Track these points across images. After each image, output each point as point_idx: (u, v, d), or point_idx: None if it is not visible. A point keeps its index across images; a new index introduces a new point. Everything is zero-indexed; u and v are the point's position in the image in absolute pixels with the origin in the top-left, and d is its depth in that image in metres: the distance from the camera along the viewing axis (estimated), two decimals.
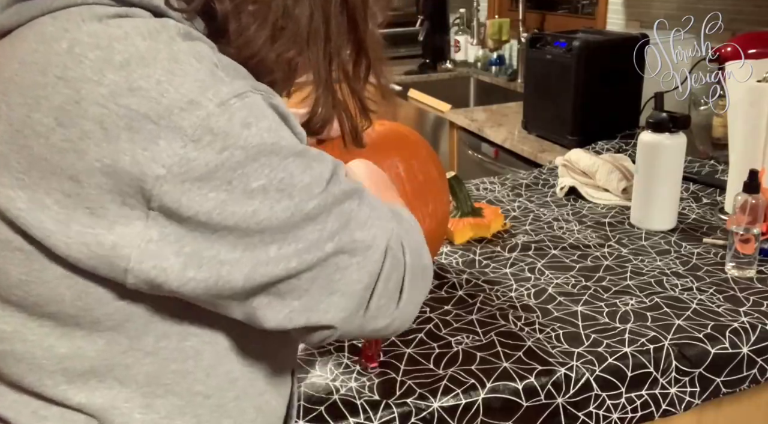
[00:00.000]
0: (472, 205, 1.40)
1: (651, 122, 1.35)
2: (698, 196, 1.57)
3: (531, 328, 1.03)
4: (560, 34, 2.07)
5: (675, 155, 1.35)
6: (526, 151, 2.09)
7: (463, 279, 1.20)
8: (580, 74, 1.92)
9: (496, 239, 1.37)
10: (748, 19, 1.93)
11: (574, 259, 1.27)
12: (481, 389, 0.89)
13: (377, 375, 0.93)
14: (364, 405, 0.86)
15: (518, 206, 1.56)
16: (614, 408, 0.95)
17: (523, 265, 1.25)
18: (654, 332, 1.00)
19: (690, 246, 1.31)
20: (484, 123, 2.40)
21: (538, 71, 2.11)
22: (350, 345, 1.00)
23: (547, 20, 3.11)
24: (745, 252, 1.17)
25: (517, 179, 1.74)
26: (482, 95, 3.29)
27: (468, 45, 3.56)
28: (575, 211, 1.52)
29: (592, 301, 1.11)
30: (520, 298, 1.12)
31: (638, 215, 1.41)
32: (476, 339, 1.00)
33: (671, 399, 0.98)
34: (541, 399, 0.91)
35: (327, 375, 0.93)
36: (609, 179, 1.55)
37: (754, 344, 1.00)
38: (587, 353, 0.96)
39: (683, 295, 1.12)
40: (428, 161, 1.12)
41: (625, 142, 1.92)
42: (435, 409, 0.87)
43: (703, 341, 0.99)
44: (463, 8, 3.59)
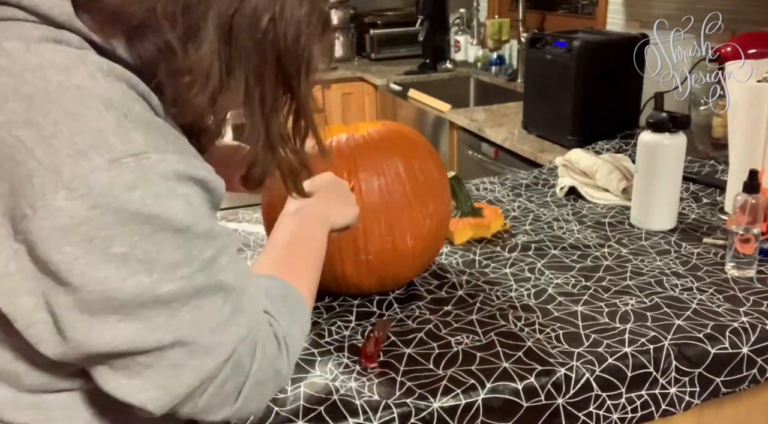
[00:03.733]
0: (472, 205, 1.40)
1: (651, 122, 1.35)
2: (698, 196, 1.57)
3: (531, 328, 1.03)
4: (560, 34, 2.07)
5: (675, 155, 1.35)
6: (526, 151, 2.09)
7: (463, 279, 1.20)
8: (580, 74, 1.92)
9: (496, 239, 1.37)
10: (748, 19, 1.93)
11: (574, 259, 1.27)
12: (481, 390, 0.89)
13: (377, 375, 0.93)
14: (364, 405, 0.86)
15: (518, 206, 1.56)
16: (614, 408, 0.95)
17: (523, 265, 1.25)
18: (654, 332, 1.00)
19: (690, 246, 1.31)
20: (484, 123, 2.40)
21: (538, 71, 2.11)
22: (350, 345, 1.00)
23: (547, 20, 3.11)
24: (745, 252, 1.17)
25: (517, 179, 1.74)
26: (482, 95, 3.29)
27: (468, 45, 3.56)
28: (575, 211, 1.52)
29: (592, 301, 1.11)
30: (520, 298, 1.12)
31: (638, 215, 1.41)
32: (476, 339, 1.00)
33: (671, 399, 0.98)
34: (541, 399, 0.91)
35: (327, 375, 0.93)
36: (609, 179, 1.55)
37: (754, 344, 1.00)
38: (587, 353, 0.96)
39: (683, 295, 1.12)
40: (429, 161, 1.12)
41: (625, 142, 1.92)
42: (435, 409, 0.87)
43: (703, 341, 0.99)
44: (463, 8, 3.59)
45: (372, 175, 1.05)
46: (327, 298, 1.15)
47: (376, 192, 1.05)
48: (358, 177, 1.04)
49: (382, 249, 1.06)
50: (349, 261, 1.06)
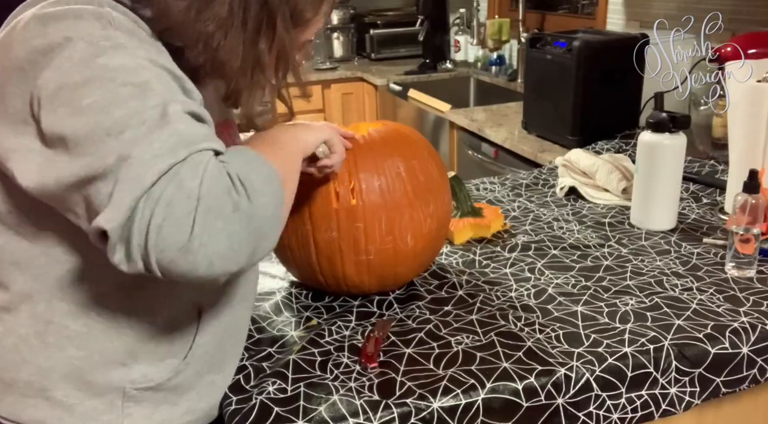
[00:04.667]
0: (472, 205, 1.40)
1: (651, 122, 1.35)
2: (698, 196, 1.57)
3: (531, 328, 1.03)
4: (560, 34, 2.07)
5: (675, 155, 1.35)
6: (526, 151, 2.09)
7: (463, 279, 1.20)
8: (580, 74, 1.92)
9: (496, 239, 1.37)
10: (748, 19, 1.93)
11: (574, 259, 1.27)
12: (481, 390, 0.89)
13: (377, 375, 0.93)
14: (364, 405, 0.86)
15: (518, 206, 1.56)
16: (614, 408, 0.95)
17: (523, 265, 1.25)
18: (654, 332, 1.00)
19: (690, 246, 1.31)
20: (484, 123, 2.40)
21: (538, 71, 2.11)
22: (350, 345, 1.00)
23: (547, 20, 3.11)
24: (745, 252, 1.17)
25: (517, 179, 1.74)
26: (482, 95, 3.29)
27: (468, 45, 3.56)
28: (575, 211, 1.52)
29: (592, 301, 1.11)
30: (520, 298, 1.12)
31: (638, 215, 1.41)
32: (476, 339, 1.00)
33: (671, 399, 0.98)
34: (541, 399, 0.91)
35: (327, 375, 0.93)
36: (609, 179, 1.55)
37: (754, 344, 1.00)
38: (587, 353, 0.96)
39: (683, 295, 1.12)
40: (429, 161, 1.12)
41: (625, 142, 1.92)
42: (435, 409, 0.87)
43: (703, 341, 0.99)
44: (463, 8, 3.59)
45: (372, 175, 1.05)
46: (327, 298, 1.15)
47: (376, 192, 1.05)
48: (358, 177, 1.04)
49: (383, 249, 1.06)
50: (350, 261, 1.06)
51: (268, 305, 1.14)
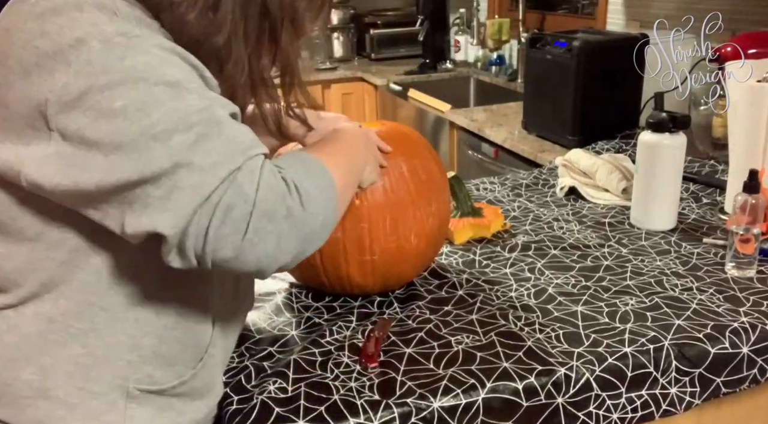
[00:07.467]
0: (472, 205, 1.40)
1: (651, 122, 1.35)
2: (698, 196, 1.57)
3: (531, 328, 1.03)
4: (560, 34, 2.07)
5: (675, 155, 1.35)
6: (526, 151, 2.09)
7: (463, 279, 1.20)
8: (580, 74, 1.92)
9: (496, 239, 1.37)
10: (748, 19, 1.93)
11: (574, 259, 1.27)
12: (481, 389, 0.89)
13: (377, 375, 0.93)
14: (364, 405, 0.86)
15: (518, 206, 1.56)
16: (614, 408, 0.95)
17: (523, 265, 1.25)
18: (654, 332, 1.00)
19: (690, 246, 1.31)
20: (484, 123, 2.40)
21: (538, 71, 2.12)
22: (350, 345, 1.00)
23: (547, 20, 3.11)
24: (745, 252, 1.17)
25: (517, 179, 1.74)
26: (482, 95, 3.29)
27: (468, 45, 3.56)
28: (575, 211, 1.52)
29: (592, 301, 1.11)
30: (520, 298, 1.13)
31: (638, 215, 1.41)
32: (476, 339, 1.00)
33: (671, 399, 0.98)
34: (541, 399, 0.91)
35: (327, 375, 0.93)
36: (609, 179, 1.55)
37: (754, 344, 1.00)
38: (587, 353, 0.96)
39: (683, 295, 1.12)
40: (430, 161, 1.12)
41: (625, 142, 1.92)
42: (435, 409, 0.87)
43: (703, 341, 0.99)
44: (463, 8, 3.59)
45: None
46: (328, 298, 1.15)
47: (380, 191, 1.05)
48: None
49: (387, 248, 1.06)
50: (354, 262, 1.06)
51: (269, 305, 1.14)
